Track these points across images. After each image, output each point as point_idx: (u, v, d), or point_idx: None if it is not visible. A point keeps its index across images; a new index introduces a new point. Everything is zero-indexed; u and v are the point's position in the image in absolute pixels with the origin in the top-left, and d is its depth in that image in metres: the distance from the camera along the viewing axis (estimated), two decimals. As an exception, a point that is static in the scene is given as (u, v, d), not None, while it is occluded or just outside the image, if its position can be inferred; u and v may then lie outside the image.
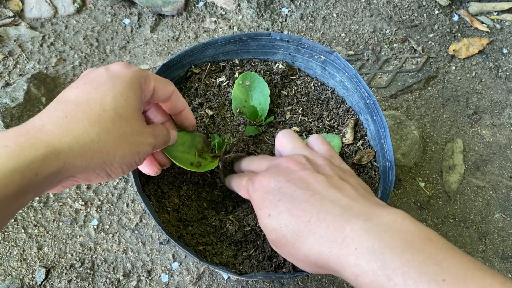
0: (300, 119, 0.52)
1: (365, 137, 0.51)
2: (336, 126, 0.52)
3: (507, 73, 0.76)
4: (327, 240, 0.29)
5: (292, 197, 0.32)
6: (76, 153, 0.28)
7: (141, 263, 0.54)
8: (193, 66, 0.53)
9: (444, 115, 0.71)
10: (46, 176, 0.26)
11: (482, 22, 0.81)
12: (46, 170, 0.26)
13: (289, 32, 0.76)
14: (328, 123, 0.52)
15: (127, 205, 0.58)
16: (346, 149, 0.50)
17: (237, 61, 0.54)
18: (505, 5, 0.83)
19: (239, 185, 0.41)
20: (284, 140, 0.40)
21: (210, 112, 0.51)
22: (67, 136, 0.28)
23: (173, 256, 0.55)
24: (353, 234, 0.28)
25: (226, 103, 0.52)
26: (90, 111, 0.30)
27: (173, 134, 0.41)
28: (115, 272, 0.54)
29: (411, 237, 0.27)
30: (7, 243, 0.55)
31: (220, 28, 0.75)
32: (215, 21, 0.76)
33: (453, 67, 0.76)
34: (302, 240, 0.30)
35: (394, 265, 0.25)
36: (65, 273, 0.53)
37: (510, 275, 0.58)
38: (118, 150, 0.31)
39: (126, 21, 0.75)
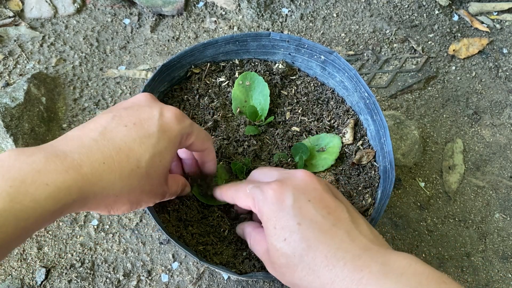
0: (300, 119, 0.52)
1: (365, 137, 0.51)
2: (336, 126, 0.52)
3: (507, 73, 0.76)
4: (343, 279, 0.28)
5: (313, 223, 0.31)
6: (96, 199, 0.30)
7: (141, 263, 0.54)
8: (193, 66, 0.53)
9: (444, 115, 0.71)
10: (65, 213, 0.29)
11: (482, 22, 0.81)
12: (69, 211, 0.29)
13: (289, 32, 0.76)
14: (328, 123, 0.52)
15: (127, 205, 0.58)
16: (346, 149, 0.50)
17: (237, 61, 0.54)
18: (505, 5, 0.83)
19: (239, 193, 0.37)
20: (267, 169, 0.39)
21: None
22: (97, 185, 0.29)
23: (173, 256, 0.55)
24: (370, 276, 0.28)
25: (227, 103, 0.52)
26: (126, 164, 0.31)
27: (186, 190, 0.42)
28: (115, 272, 0.54)
29: (426, 280, 0.27)
30: (7, 243, 0.55)
31: (220, 28, 0.75)
32: (215, 21, 0.76)
33: (453, 67, 0.76)
34: (315, 275, 0.30)
35: None
36: (65, 273, 0.53)
37: (510, 275, 0.58)
38: (128, 203, 0.33)
39: (126, 21, 0.75)
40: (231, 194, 0.39)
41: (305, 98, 0.53)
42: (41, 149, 0.28)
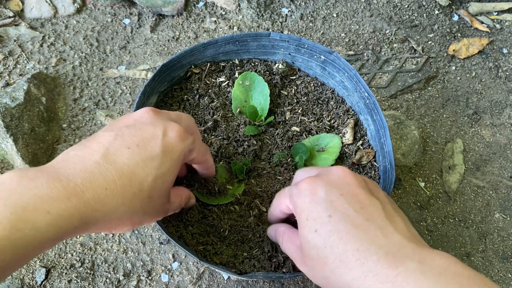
0: (300, 119, 0.52)
1: (365, 137, 0.51)
2: (336, 126, 0.52)
3: (507, 73, 0.76)
4: (377, 275, 0.27)
5: (344, 216, 0.30)
6: (98, 224, 0.30)
7: (141, 263, 0.54)
8: (193, 66, 0.53)
9: (444, 115, 0.71)
10: (66, 238, 0.28)
11: (482, 22, 0.81)
12: (70, 236, 0.28)
13: (289, 32, 0.76)
14: (328, 123, 0.52)
15: (127, 205, 0.58)
16: (346, 149, 0.50)
17: (237, 61, 0.54)
18: (505, 5, 0.83)
19: (279, 197, 0.37)
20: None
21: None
22: (100, 211, 0.29)
23: (173, 256, 0.55)
24: (407, 274, 0.27)
25: (227, 103, 0.52)
26: (129, 188, 0.30)
27: (191, 202, 0.43)
28: (115, 272, 0.54)
29: (467, 282, 0.26)
30: (7, 243, 0.55)
31: (220, 28, 0.75)
32: (215, 21, 0.76)
33: (453, 67, 0.76)
34: (346, 268, 0.29)
35: None
36: (65, 273, 0.53)
37: (510, 275, 0.58)
38: (129, 225, 0.33)
39: (126, 21, 0.75)
40: (275, 203, 0.39)
41: (305, 98, 0.53)
42: (43, 172, 0.28)
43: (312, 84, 0.54)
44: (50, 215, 0.26)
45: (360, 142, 0.51)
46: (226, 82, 0.53)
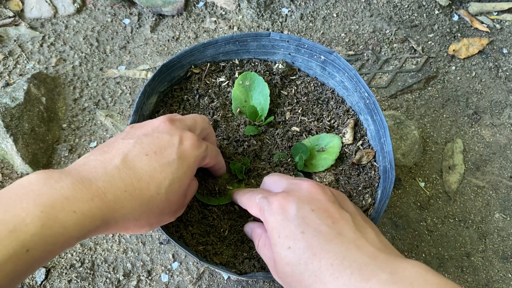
0: (300, 119, 0.52)
1: (365, 137, 0.51)
2: (336, 126, 0.52)
3: (507, 73, 0.76)
4: None
5: (317, 232, 0.31)
6: (118, 224, 0.31)
7: (141, 263, 0.55)
8: (193, 66, 0.53)
9: (444, 115, 0.71)
10: (87, 237, 0.30)
11: (482, 22, 0.81)
12: (91, 235, 0.30)
13: (289, 32, 0.76)
14: (328, 123, 0.52)
15: (127, 205, 0.58)
16: (346, 149, 0.50)
17: (237, 61, 0.54)
18: (505, 5, 0.83)
19: (250, 201, 0.39)
20: (278, 177, 0.40)
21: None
22: (119, 211, 0.31)
23: (173, 256, 0.55)
24: (378, 286, 0.27)
25: (227, 103, 0.52)
26: (146, 191, 0.32)
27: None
28: (115, 272, 0.54)
29: None
30: (7, 243, 0.55)
31: (220, 28, 0.75)
32: (215, 21, 0.76)
33: (453, 67, 0.76)
34: (322, 283, 0.29)
35: None
36: (65, 273, 0.53)
37: (510, 275, 0.58)
38: (147, 225, 0.34)
39: (126, 21, 0.75)
40: (244, 201, 0.40)
41: (305, 98, 0.53)
42: (67, 174, 0.30)
43: (312, 84, 0.54)
44: (76, 215, 0.28)
45: (360, 142, 0.51)
46: (226, 82, 0.53)
